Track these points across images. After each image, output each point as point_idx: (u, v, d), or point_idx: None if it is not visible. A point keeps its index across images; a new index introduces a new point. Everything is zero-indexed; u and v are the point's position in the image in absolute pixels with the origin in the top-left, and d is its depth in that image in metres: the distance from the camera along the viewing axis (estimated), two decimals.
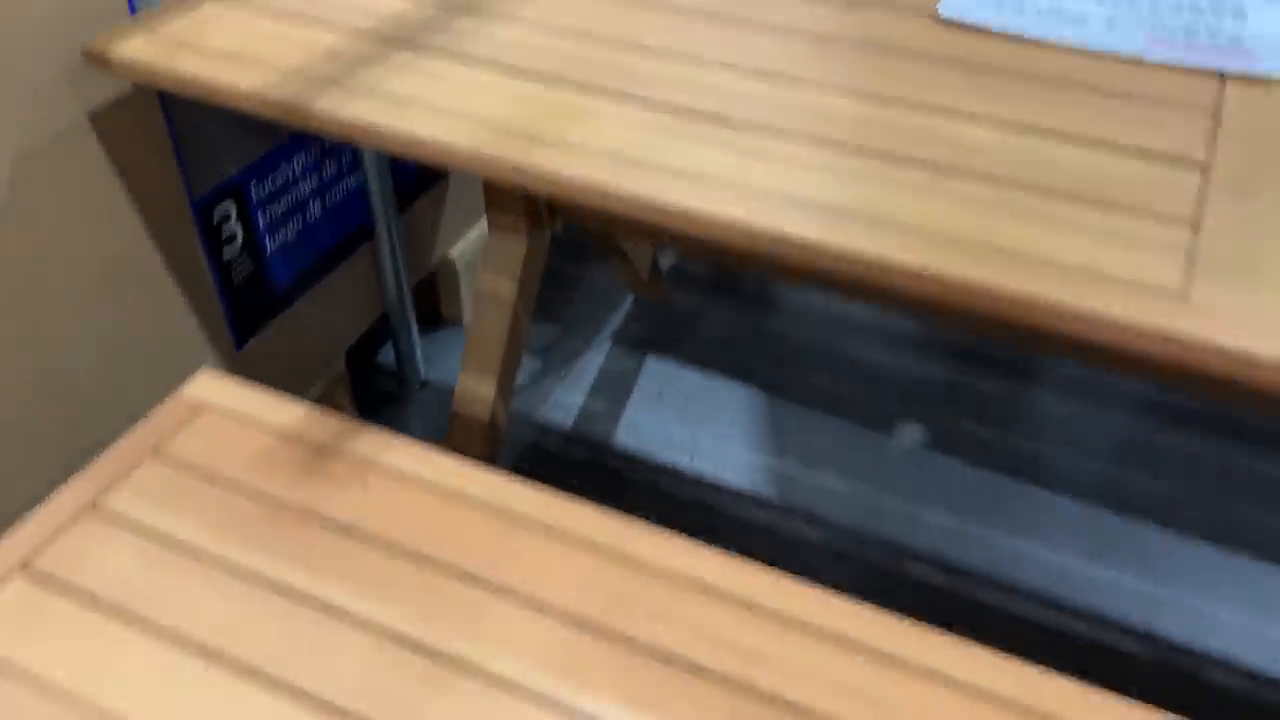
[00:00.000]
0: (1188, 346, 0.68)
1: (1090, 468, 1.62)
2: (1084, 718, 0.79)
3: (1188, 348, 0.68)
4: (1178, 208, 0.78)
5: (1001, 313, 0.74)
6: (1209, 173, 0.82)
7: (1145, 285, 0.72)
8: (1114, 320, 0.70)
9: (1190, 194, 0.80)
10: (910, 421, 1.71)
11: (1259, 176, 0.81)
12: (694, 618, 0.86)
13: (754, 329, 1.89)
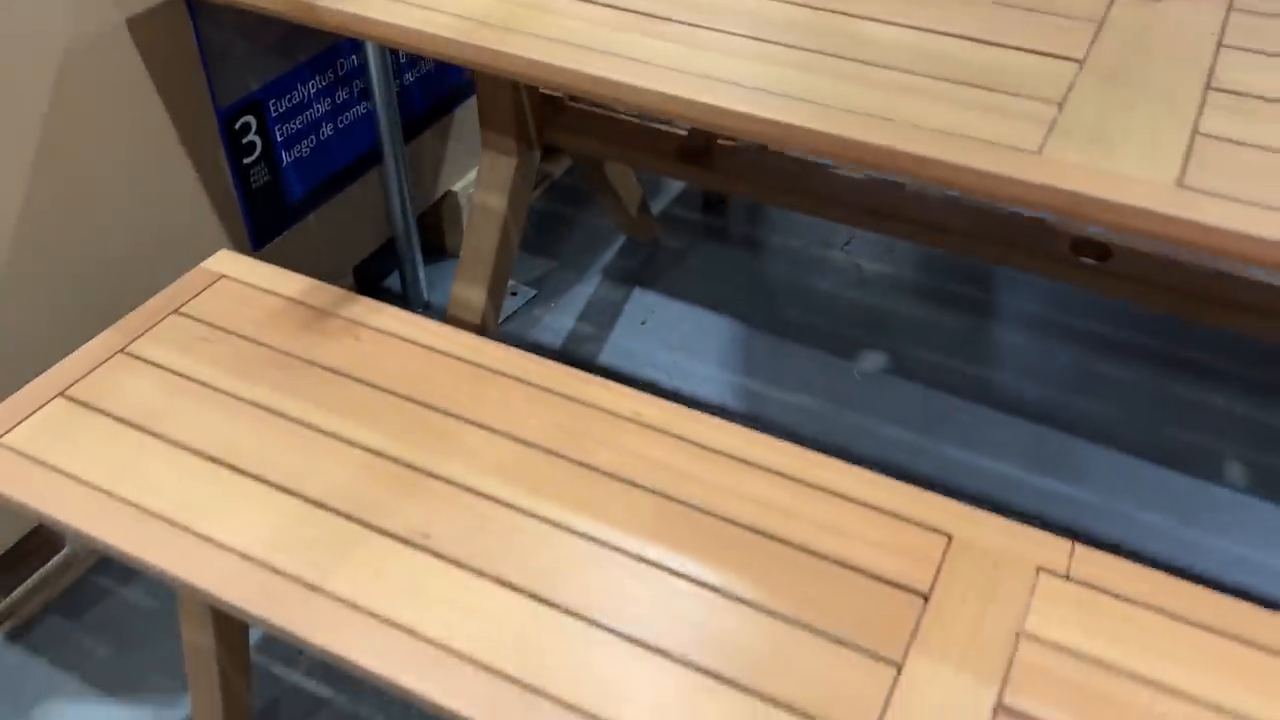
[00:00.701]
0: (1035, 189, 0.81)
1: (1036, 392, 1.75)
2: (960, 528, 0.92)
3: (1034, 190, 0.81)
4: (1049, 92, 0.91)
5: (899, 168, 0.87)
6: (1083, 65, 0.95)
7: (1010, 146, 0.85)
8: (981, 170, 0.83)
9: (1064, 82, 0.93)
10: (874, 350, 1.84)
11: (1124, 71, 0.94)
12: (631, 445, 1.00)
13: (736, 268, 2.03)
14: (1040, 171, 0.82)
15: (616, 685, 0.81)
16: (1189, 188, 0.80)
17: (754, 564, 0.90)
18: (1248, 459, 1.63)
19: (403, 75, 1.71)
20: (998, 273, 2.00)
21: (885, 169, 0.88)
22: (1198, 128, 0.87)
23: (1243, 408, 1.72)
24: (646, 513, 0.94)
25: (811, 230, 2.11)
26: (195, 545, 0.91)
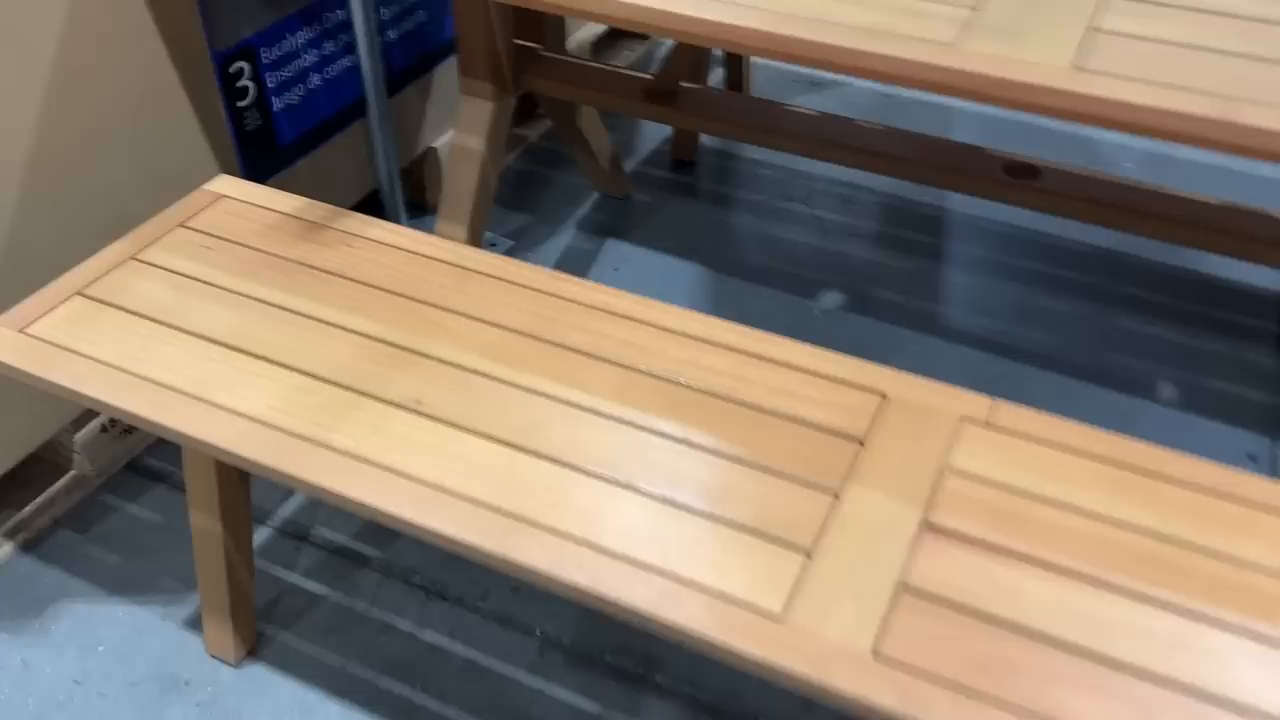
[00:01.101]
0: (949, 74, 0.93)
1: (982, 324, 1.87)
2: (894, 388, 1.03)
3: (949, 75, 0.93)
4: None
5: (833, 62, 0.98)
6: None
7: (926, 40, 0.97)
8: (902, 59, 0.95)
9: None
10: (832, 290, 1.95)
11: None
12: (600, 329, 1.11)
13: (704, 220, 2.14)
14: (954, 59, 0.94)
15: (591, 513, 0.91)
16: (1083, 69, 0.92)
17: (711, 420, 1.01)
18: (1177, 379, 1.75)
19: (385, 32, 1.81)
20: (946, 219, 2.13)
21: (821, 64, 0.99)
22: (1097, 25, 0.99)
23: (1173, 334, 1.84)
24: (614, 381, 1.05)
25: (775, 185, 2.23)
26: (208, 411, 1.01)
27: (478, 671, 1.33)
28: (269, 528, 1.51)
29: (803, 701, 1.30)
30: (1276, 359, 1.79)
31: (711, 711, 1.29)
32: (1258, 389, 1.74)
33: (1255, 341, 1.83)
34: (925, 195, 2.20)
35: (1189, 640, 0.82)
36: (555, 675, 1.32)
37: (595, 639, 1.36)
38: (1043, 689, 0.79)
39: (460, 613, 1.40)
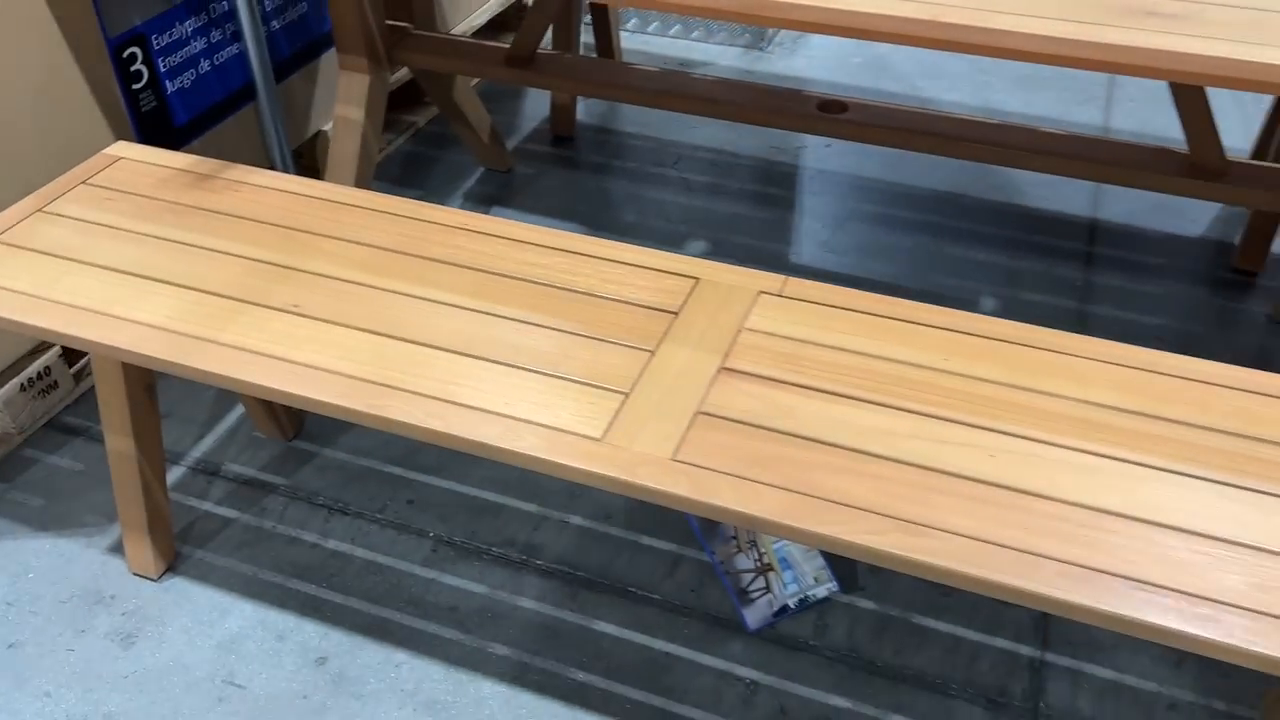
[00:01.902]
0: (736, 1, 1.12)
1: (832, 261, 2.08)
2: (706, 273, 1.23)
3: (736, 3, 1.12)
4: None
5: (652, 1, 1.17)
6: None
7: None
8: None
9: None
10: (698, 239, 2.15)
11: None
12: (458, 243, 1.28)
13: (582, 187, 2.33)
14: None
15: (447, 379, 1.09)
16: None
17: (550, 305, 1.19)
18: (998, 294, 1.98)
19: (270, 21, 1.97)
20: (801, 174, 2.34)
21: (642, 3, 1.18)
22: None
23: (996, 258, 2.08)
24: (469, 282, 1.22)
25: (647, 154, 2.43)
26: (113, 322, 1.16)
27: (376, 569, 1.49)
28: (183, 466, 1.65)
29: (666, 568, 1.48)
30: (1084, 272, 2.03)
31: (586, 584, 1.47)
32: (1069, 298, 1.98)
33: (1066, 259, 2.07)
34: (782, 155, 2.42)
35: (923, 433, 1.02)
36: (447, 567, 1.49)
37: (484, 536, 1.53)
38: (805, 474, 0.98)
39: (360, 524, 1.55)
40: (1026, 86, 2.67)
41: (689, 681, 1.35)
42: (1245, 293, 1.98)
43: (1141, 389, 1.07)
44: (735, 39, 2.90)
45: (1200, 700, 1.32)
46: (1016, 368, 1.10)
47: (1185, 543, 0.92)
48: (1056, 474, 0.98)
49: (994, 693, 1.33)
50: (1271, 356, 1.84)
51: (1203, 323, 1.92)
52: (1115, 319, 1.92)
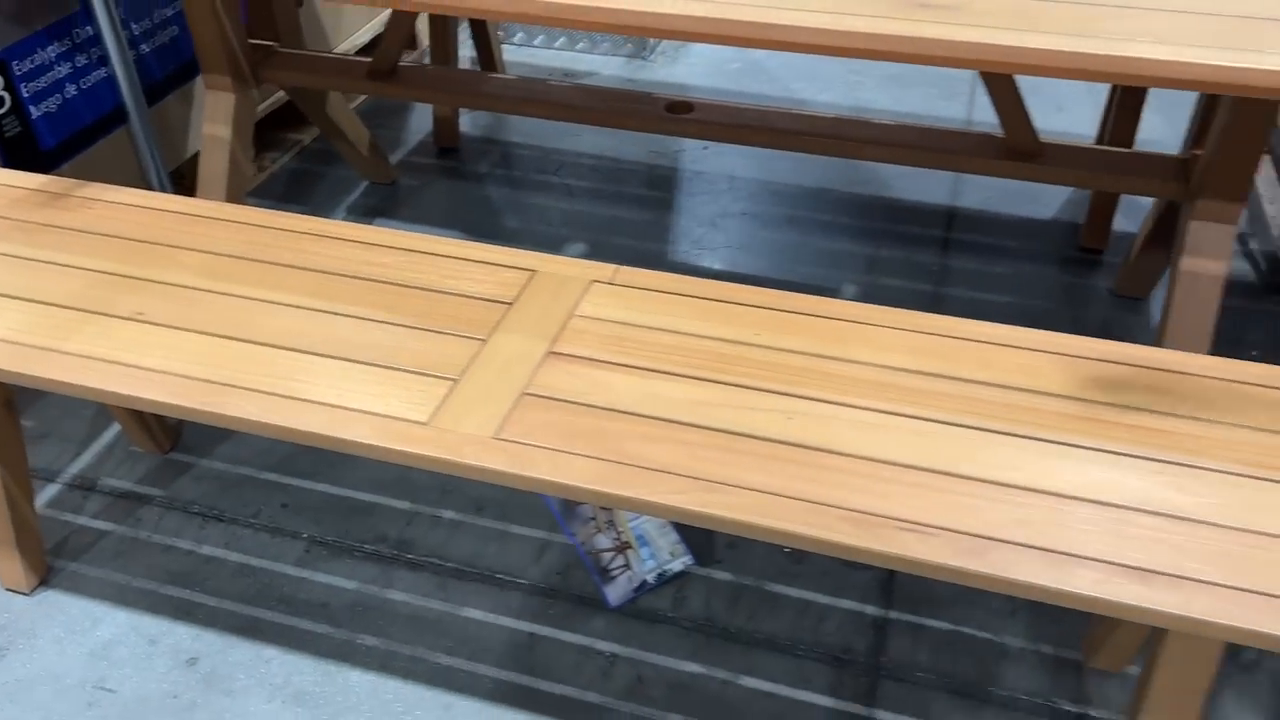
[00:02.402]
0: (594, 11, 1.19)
1: (706, 257, 2.16)
2: (543, 266, 1.29)
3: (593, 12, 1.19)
4: None
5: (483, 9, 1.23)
6: None
7: None
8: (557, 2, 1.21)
9: None
10: (577, 242, 2.22)
11: None
12: (306, 248, 1.33)
13: (466, 196, 2.38)
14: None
15: (287, 376, 1.14)
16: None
17: (389, 301, 1.24)
18: (859, 281, 2.07)
19: (139, 45, 2.00)
20: (679, 177, 2.43)
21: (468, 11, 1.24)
22: None
23: (858, 248, 2.17)
24: (313, 283, 1.27)
25: (530, 162, 2.49)
26: None
27: (249, 571, 1.52)
28: (59, 483, 1.66)
29: (533, 554, 1.54)
30: (941, 257, 2.14)
31: (455, 574, 1.52)
32: (925, 282, 2.08)
33: (925, 246, 2.17)
34: (661, 159, 2.50)
35: (731, 402, 1.09)
36: (319, 566, 1.53)
37: (356, 534, 1.57)
38: (618, 444, 1.05)
39: (235, 529, 1.59)
40: (896, 85, 2.79)
41: (552, 659, 1.40)
42: (1091, 269, 2.10)
43: (933, 351, 1.15)
44: (618, 49, 2.98)
45: (1030, 646, 1.40)
46: (821, 339, 1.17)
47: (963, 487, 1.00)
48: (848, 432, 1.05)
49: (839, 651, 1.40)
50: (1112, 326, 1.95)
51: (1051, 299, 2.03)
52: (969, 299, 2.03)
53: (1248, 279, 2.07)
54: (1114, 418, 1.06)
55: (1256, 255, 2.13)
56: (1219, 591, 0.90)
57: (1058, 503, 0.98)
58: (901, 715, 1.33)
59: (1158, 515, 0.96)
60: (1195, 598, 0.89)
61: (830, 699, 1.35)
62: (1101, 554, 0.93)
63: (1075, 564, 0.92)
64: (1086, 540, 0.94)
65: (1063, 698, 1.34)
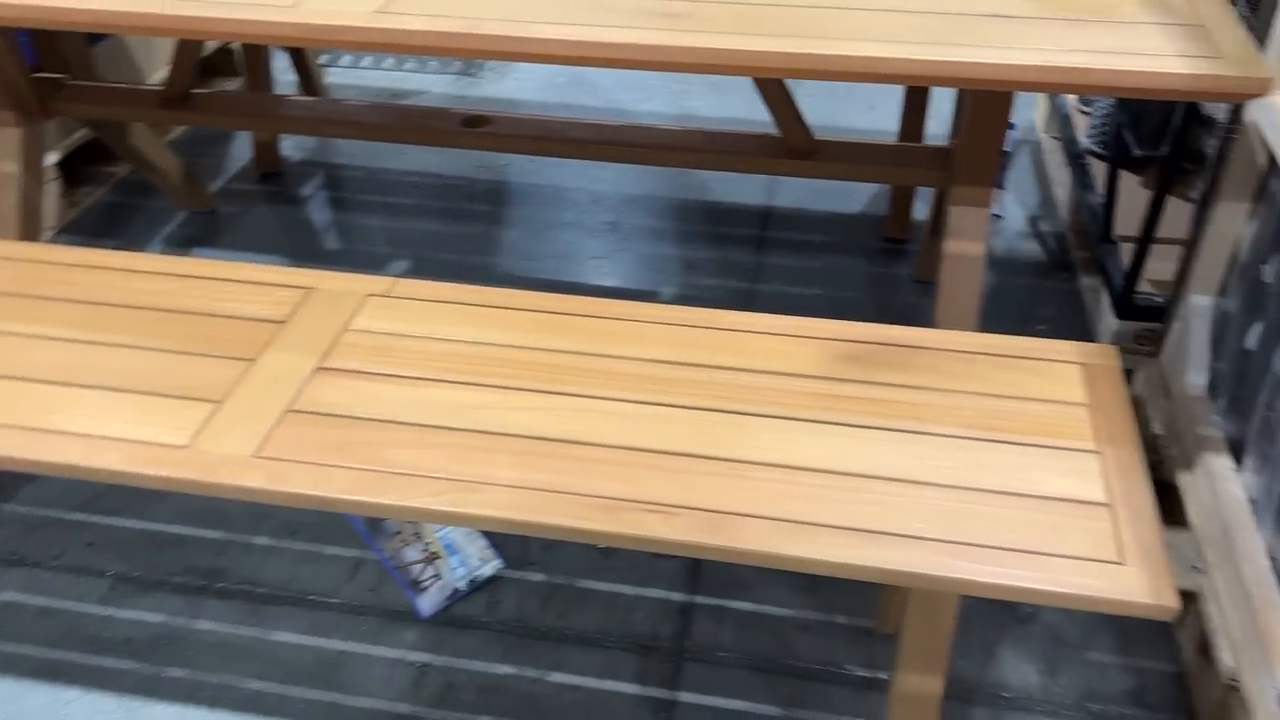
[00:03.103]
0: (287, 27, 1.20)
1: (536, 269, 2.20)
2: (321, 283, 1.30)
3: (287, 28, 1.20)
4: None
5: (195, 30, 1.24)
6: None
7: (276, 4, 1.24)
8: (249, 20, 1.21)
9: None
10: (401, 260, 2.22)
11: None
12: (75, 280, 1.31)
13: (287, 220, 2.36)
14: (291, 15, 1.22)
15: (44, 409, 1.12)
16: (385, 13, 1.22)
17: (155, 328, 1.23)
18: (676, 282, 2.13)
19: None
20: (504, 190, 2.45)
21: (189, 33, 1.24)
22: None
23: (676, 250, 2.23)
24: (77, 315, 1.26)
25: (354, 183, 2.48)
26: None
27: (51, 614, 1.48)
28: None
29: (346, 574, 1.54)
30: (756, 256, 2.21)
31: (266, 599, 1.51)
32: (741, 280, 2.15)
33: (741, 245, 2.25)
34: (488, 173, 2.52)
35: (495, 404, 1.12)
36: (125, 603, 1.50)
37: (164, 568, 1.55)
38: (378, 453, 1.06)
39: (36, 572, 1.54)
40: (719, 92, 2.87)
41: (362, 675, 1.41)
42: (894, 258, 2.20)
43: (694, 343, 1.20)
44: (447, 68, 3.00)
45: (826, 618, 1.47)
46: (589, 338, 1.21)
47: (706, 467, 1.04)
48: (603, 423, 1.09)
49: (646, 639, 1.44)
50: (912, 311, 2.05)
51: (858, 289, 2.12)
52: (781, 294, 2.10)
53: (1039, 259, 2.20)
54: (855, 393, 1.13)
55: (1046, 236, 2.26)
56: (940, 546, 0.97)
57: (795, 474, 1.03)
58: (703, 695, 1.37)
59: (888, 480, 1.03)
60: (918, 554, 0.96)
61: (636, 686, 1.38)
62: (835, 520, 0.99)
63: (811, 531, 0.98)
64: (821, 508, 1.00)
65: (854, 664, 1.41)
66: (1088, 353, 1.16)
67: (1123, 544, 0.95)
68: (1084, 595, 0.91)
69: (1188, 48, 1.10)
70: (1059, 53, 1.10)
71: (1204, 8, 1.18)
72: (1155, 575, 0.91)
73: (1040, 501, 1.00)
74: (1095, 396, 1.11)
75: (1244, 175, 1.40)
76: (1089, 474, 1.02)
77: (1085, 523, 0.97)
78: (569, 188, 2.46)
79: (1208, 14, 1.16)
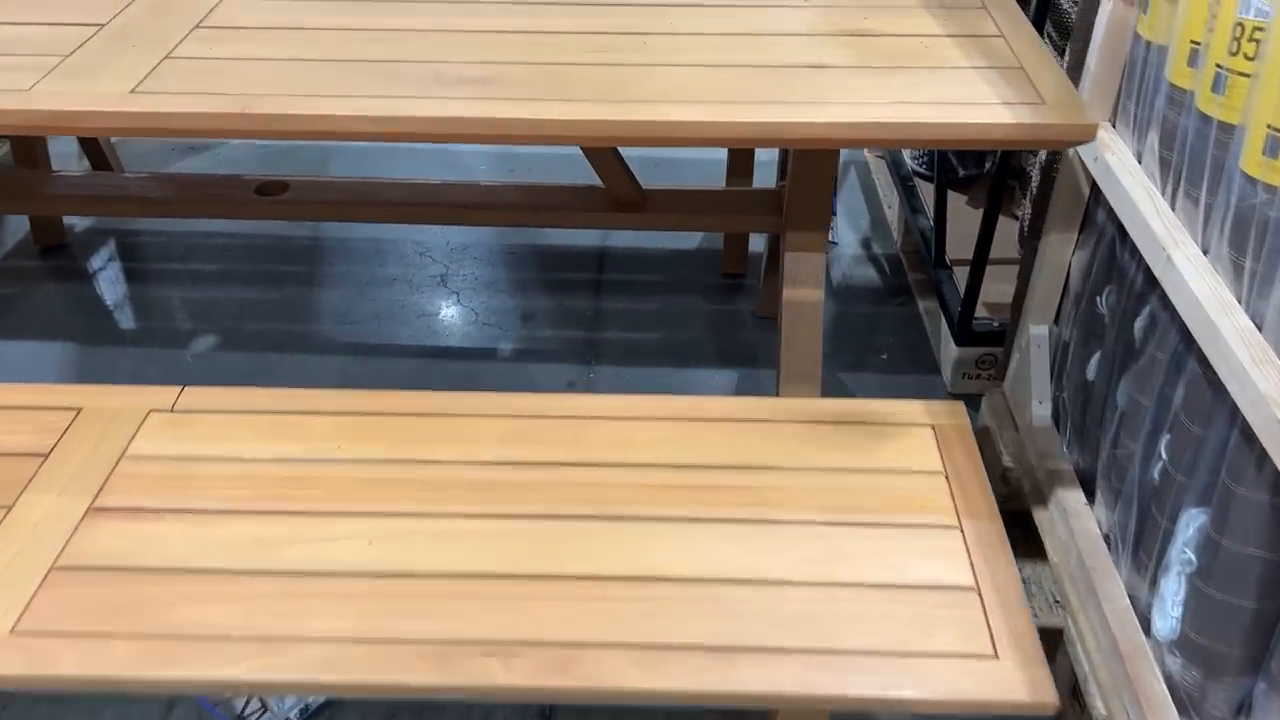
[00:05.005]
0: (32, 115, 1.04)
1: (350, 331, 2.04)
2: (91, 401, 1.13)
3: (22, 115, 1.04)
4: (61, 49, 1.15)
5: None
6: (103, 28, 1.20)
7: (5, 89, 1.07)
8: None
9: (78, 41, 1.16)
10: (206, 334, 2.03)
11: (134, 27, 1.20)
12: None
13: (74, 297, 2.12)
14: (29, 101, 1.05)
15: None
16: (141, 92, 1.07)
17: None
18: (514, 337, 2.02)
19: None
20: (319, 247, 2.28)
21: None
22: (171, 54, 1.14)
23: (511, 303, 2.12)
24: None
25: (152, 250, 2.26)
26: None
27: None
28: None
29: (160, 714, 1.36)
30: (594, 301, 2.12)
31: None
32: (579, 329, 2.05)
33: (578, 292, 2.15)
34: (299, 230, 2.34)
35: (304, 535, 0.98)
36: None
37: None
38: (165, 613, 0.91)
39: None
40: None
41: None
42: (733, 294, 2.15)
43: (524, 436, 1.09)
44: None
45: None
46: (407, 440, 1.09)
47: (550, 589, 0.93)
48: (431, 547, 0.97)
49: None
50: (756, 350, 2.00)
51: (700, 329, 2.05)
52: (621, 340, 2.02)
53: (874, 284, 2.19)
54: (702, 480, 1.05)
55: (880, 259, 2.26)
56: (803, 658, 0.89)
57: (644, 588, 0.94)
58: None
59: (744, 583, 0.95)
60: (781, 670, 0.88)
61: None
62: (690, 638, 0.90)
63: (664, 656, 0.89)
64: (674, 625, 0.91)
65: None
66: (937, 413, 1.11)
67: (994, 633, 0.89)
68: (959, 700, 0.85)
69: (1009, 94, 1.06)
70: (882, 105, 1.05)
71: (1020, 47, 1.15)
72: (1031, 669, 0.86)
73: (905, 591, 0.94)
74: (950, 462, 1.06)
75: (1069, 204, 1.40)
76: (953, 553, 0.97)
77: (954, 611, 0.91)
78: (391, 239, 2.30)
79: (1025, 55, 1.13)
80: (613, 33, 1.18)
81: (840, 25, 1.19)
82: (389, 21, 1.22)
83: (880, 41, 1.16)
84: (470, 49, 1.15)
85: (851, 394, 1.87)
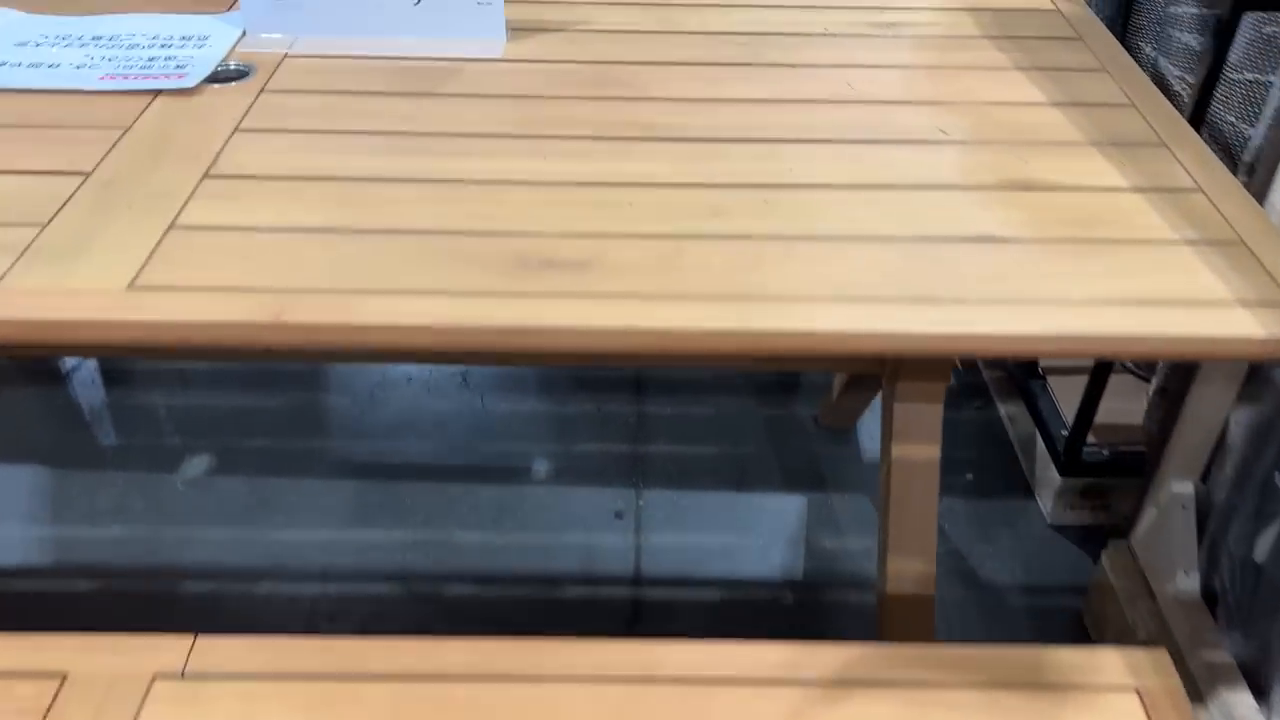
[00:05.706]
0: None
1: (363, 447, 1.81)
2: (75, 663, 0.90)
3: None
4: (37, 214, 0.91)
5: None
6: (89, 176, 0.96)
7: None
8: None
9: (60, 199, 0.93)
10: (199, 454, 1.79)
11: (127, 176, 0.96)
12: None
13: (47, 408, 1.88)
14: None
15: None
16: (140, 288, 0.83)
17: None
18: (549, 453, 1.80)
19: None
20: None
21: None
22: (177, 221, 0.91)
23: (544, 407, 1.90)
24: None
25: None
26: None
27: None
28: None
29: None
30: (635, 405, 1.90)
31: None
32: (622, 441, 1.83)
33: (617, 393, 1.93)
34: None
35: None
36: None
37: None
38: None
39: None
40: None
41: None
42: (788, 395, 1.94)
43: (631, 712, 0.88)
44: None
45: None
46: (475, 716, 0.87)
47: None
48: None
49: None
50: (821, 465, 1.79)
51: (756, 440, 1.84)
52: (672, 456, 1.79)
53: None
54: None
55: None
56: None
57: None
58: None
59: None
60: None
61: None
62: None
63: None
64: None
65: None
66: (1140, 669, 0.90)
67: None
68: None
69: (1243, 286, 0.84)
70: (1089, 307, 0.83)
71: (1230, 209, 0.93)
72: None
73: None
74: None
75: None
76: None
77: None
78: None
79: (1239, 220, 0.92)
80: (725, 185, 0.95)
81: (998, 173, 0.98)
82: (442, 167, 0.99)
83: (1055, 199, 0.94)
84: (553, 212, 0.92)
85: (940, 524, 1.67)
